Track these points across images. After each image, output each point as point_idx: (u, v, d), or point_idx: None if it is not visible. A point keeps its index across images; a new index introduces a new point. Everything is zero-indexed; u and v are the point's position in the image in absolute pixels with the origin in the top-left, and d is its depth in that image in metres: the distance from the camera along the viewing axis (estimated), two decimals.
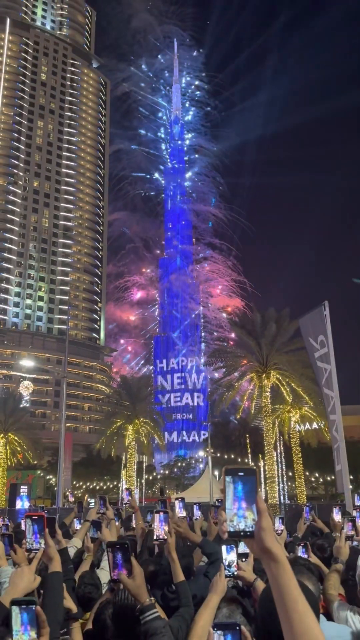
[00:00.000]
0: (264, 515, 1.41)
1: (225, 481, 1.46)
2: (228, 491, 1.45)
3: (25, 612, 1.92)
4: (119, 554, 2.63)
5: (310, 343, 14.45)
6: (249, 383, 34.34)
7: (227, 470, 1.47)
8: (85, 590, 3.81)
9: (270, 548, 1.39)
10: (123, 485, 47.36)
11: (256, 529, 1.41)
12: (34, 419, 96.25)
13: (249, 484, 1.44)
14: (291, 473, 47.15)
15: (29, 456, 49.44)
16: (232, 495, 1.44)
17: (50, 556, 2.74)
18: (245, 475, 1.45)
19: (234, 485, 1.45)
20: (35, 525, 2.68)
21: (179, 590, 3.57)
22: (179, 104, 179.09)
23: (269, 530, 1.40)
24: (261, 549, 1.40)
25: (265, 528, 1.40)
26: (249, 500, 1.43)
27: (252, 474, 1.45)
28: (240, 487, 1.44)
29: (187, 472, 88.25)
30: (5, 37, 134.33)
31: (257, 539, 1.40)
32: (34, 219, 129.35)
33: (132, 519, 6.72)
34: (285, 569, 1.39)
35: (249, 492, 1.44)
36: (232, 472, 1.46)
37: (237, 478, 1.45)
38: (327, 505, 28.39)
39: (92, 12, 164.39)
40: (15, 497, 32.47)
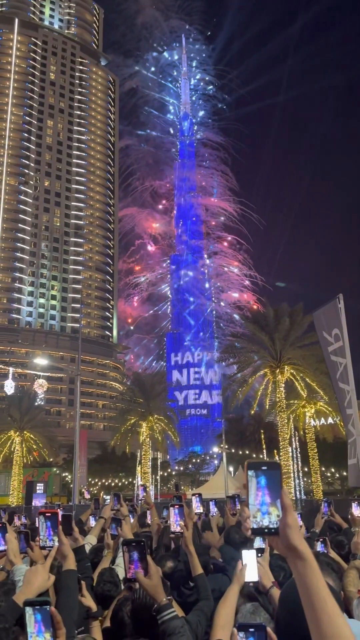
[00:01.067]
0: (289, 511, 1.34)
1: (247, 476, 1.39)
2: (251, 486, 1.37)
3: (39, 612, 1.85)
4: (135, 552, 2.58)
5: (324, 337, 14.27)
6: (263, 378, 34.17)
7: (249, 465, 1.39)
8: (104, 588, 3.78)
9: (296, 546, 1.32)
10: (138, 481, 47.50)
11: (281, 526, 1.34)
12: (49, 417, 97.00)
13: (273, 478, 1.37)
14: (307, 468, 46.93)
15: (45, 454, 49.77)
16: (255, 491, 1.37)
17: (65, 554, 2.69)
18: (269, 470, 1.38)
19: (257, 480, 1.37)
20: (48, 522, 2.63)
21: (198, 583, 3.53)
22: (188, 99, 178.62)
23: (295, 527, 1.33)
24: (287, 546, 1.33)
25: (291, 525, 1.33)
26: (273, 496, 1.36)
27: (276, 468, 1.38)
28: (263, 482, 1.37)
29: (201, 468, 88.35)
30: (14, 38, 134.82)
31: (282, 536, 1.34)
32: (45, 219, 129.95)
33: (147, 515, 6.69)
34: (312, 567, 1.32)
35: (273, 487, 1.36)
36: (255, 467, 1.39)
37: (260, 472, 1.38)
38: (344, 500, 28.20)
39: (100, 10, 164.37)
40: (32, 494, 32.74)
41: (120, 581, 3.76)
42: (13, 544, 3.17)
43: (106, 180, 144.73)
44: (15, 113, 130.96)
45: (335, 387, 14.12)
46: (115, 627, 3.13)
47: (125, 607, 3.03)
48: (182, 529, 3.52)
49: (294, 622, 1.47)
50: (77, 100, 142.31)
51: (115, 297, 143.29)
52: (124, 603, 3.07)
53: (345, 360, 13.45)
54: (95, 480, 77.42)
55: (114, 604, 3.29)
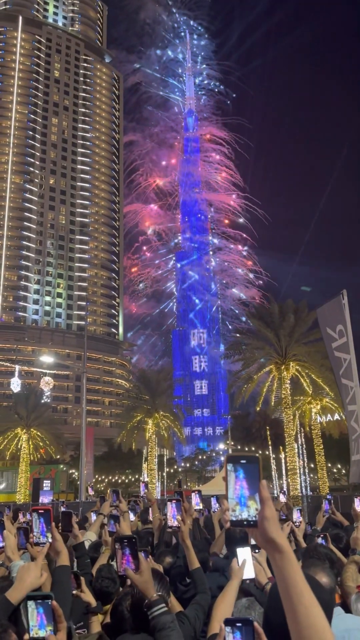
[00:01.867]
0: (267, 504, 1.35)
1: (226, 469, 1.40)
2: (230, 479, 1.39)
3: (42, 606, 1.92)
4: (126, 549, 2.60)
5: (327, 333, 14.23)
6: (269, 375, 34.15)
7: (228, 458, 1.40)
8: (102, 584, 3.81)
9: (274, 538, 1.33)
10: (145, 478, 47.66)
11: (259, 519, 1.35)
12: (56, 414, 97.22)
13: (252, 471, 1.38)
14: (313, 464, 46.89)
15: (52, 451, 50.03)
16: (234, 484, 1.38)
17: (58, 550, 2.72)
18: (248, 463, 1.39)
19: (235, 473, 1.38)
20: (42, 518, 2.66)
21: (195, 577, 3.56)
22: (193, 95, 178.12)
23: (273, 519, 1.34)
24: (265, 539, 1.34)
25: (268, 517, 1.34)
26: (251, 489, 1.37)
27: (254, 461, 1.39)
28: (242, 475, 1.38)
29: (208, 464, 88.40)
30: (18, 35, 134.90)
31: (260, 528, 1.35)
32: (50, 216, 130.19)
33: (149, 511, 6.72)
34: (290, 559, 1.33)
35: (252, 480, 1.37)
36: (233, 460, 1.40)
37: (239, 466, 1.39)
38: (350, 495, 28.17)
39: (104, 6, 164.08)
40: (39, 491, 32.89)
41: (118, 577, 3.79)
42: (10, 541, 3.20)
43: (111, 178, 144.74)
44: (20, 111, 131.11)
45: (339, 383, 14.08)
46: (115, 622, 3.15)
47: (125, 601, 3.05)
48: (179, 523, 3.55)
49: (279, 618, 1.48)
50: (81, 97, 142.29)
51: (120, 295, 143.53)
52: (124, 598, 3.09)
53: (349, 356, 13.42)
54: (102, 477, 77.71)
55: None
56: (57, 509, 25.31)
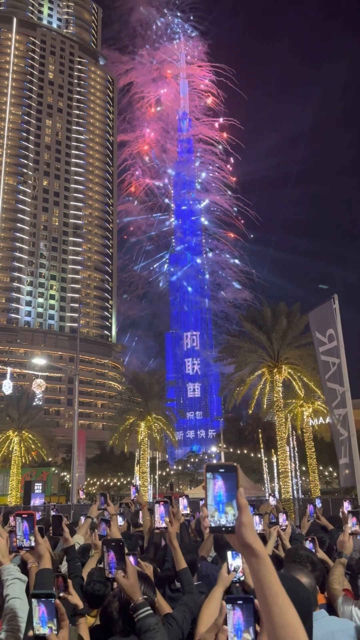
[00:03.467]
0: (244, 511, 1.42)
1: (206, 478, 1.47)
2: (209, 487, 1.46)
3: (44, 604, 2.02)
4: (113, 553, 2.66)
5: (317, 337, 14.34)
6: (261, 378, 34.24)
7: (207, 467, 1.48)
8: (94, 587, 3.84)
9: (250, 543, 1.40)
10: (137, 481, 47.59)
11: (237, 525, 1.41)
12: (48, 416, 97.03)
13: (230, 480, 1.45)
14: (305, 467, 47.03)
15: (43, 453, 49.83)
16: (213, 492, 1.45)
17: (40, 553, 2.75)
18: (226, 472, 1.46)
19: (214, 481, 1.46)
20: (25, 522, 2.71)
21: (182, 577, 3.61)
22: (187, 97, 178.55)
23: (250, 525, 1.41)
24: (242, 544, 1.41)
25: (245, 523, 1.41)
26: (229, 496, 1.44)
27: (232, 470, 1.46)
28: (220, 484, 1.45)
29: (200, 467, 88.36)
30: (12, 37, 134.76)
31: (237, 534, 1.41)
32: (44, 218, 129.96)
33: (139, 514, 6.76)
34: (265, 563, 1.40)
35: (230, 488, 1.44)
36: (212, 469, 1.47)
37: (218, 474, 1.46)
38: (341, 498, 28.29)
39: (98, 9, 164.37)
40: (30, 494, 32.81)
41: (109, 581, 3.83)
42: (1, 544, 3.23)
43: (105, 180, 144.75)
44: (14, 112, 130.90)
45: (325, 387, 14.17)
46: (104, 624, 3.19)
47: (113, 603, 3.09)
48: (166, 524, 3.60)
49: None
50: (75, 99, 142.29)
51: (114, 297, 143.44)
52: (112, 600, 3.13)
53: (339, 360, 13.52)
54: (94, 480, 77.49)
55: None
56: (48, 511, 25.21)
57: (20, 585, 3.01)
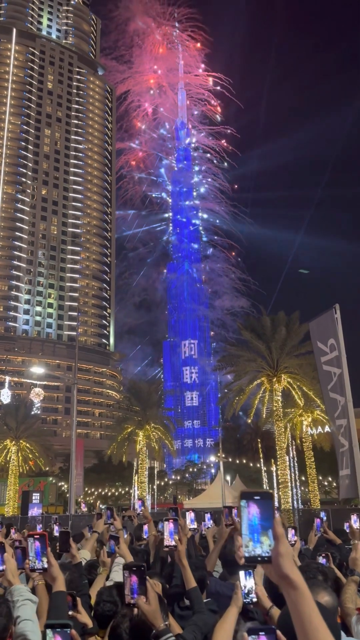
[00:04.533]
0: (281, 540, 1.35)
1: (240, 505, 1.41)
2: (243, 515, 1.40)
3: (60, 635, 1.99)
4: (135, 577, 2.58)
5: (318, 347, 14.27)
6: (260, 387, 34.15)
7: (242, 494, 1.42)
8: (104, 608, 3.73)
9: (288, 574, 1.34)
10: (135, 491, 47.24)
11: (274, 555, 1.35)
12: (45, 425, 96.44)
13: (265, 507, 1.39)
14: (304, 477, 46.80)
15: (41, 463, 49.50)
16: (248, 520, 1.40)
17: (54, 575, 2.68)
18: (261, 499, 1.40)
19: (249, 509, 1.40)
20: (37, 543, 2.63)
21: (191, 597, 3.53)
22: (185, 108, 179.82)
23: (287, 555, 1.35)
24: (279, 575, 1.35)
25: (283, 554, 1.34)
26: (265, 525, 1.38)
27: (268, 497, 1.41)
28: (256, 512, 1.40)
29: (198, 477, 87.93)
30: (11, 47, 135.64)
31: (274, 564, 1.35)
32: (42, 227, 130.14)
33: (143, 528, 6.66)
34: (305, 595, 1.34)
35: (265, 516, 1.39)
36: (247, 496, 1.41)
37: (253, 502, 1.40)
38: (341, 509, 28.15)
39: (97, 20, 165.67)
40: (28, 504, 32.53)
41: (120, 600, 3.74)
42: (11, 564, 3.15)
43: (103, 189, 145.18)
44: (13, 122, 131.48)
45: (326, 397, 14.09)
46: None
47: (123, 624, 3.02)
48: (176, 543, 3.53)
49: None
50: (74, 109, 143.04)
51: (112, 305, 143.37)
52: (122, 620, 3.06)
53: (341, 370, 13.46)
54: (92, 490, 76.94)
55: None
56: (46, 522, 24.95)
57: (31, 606, 2.93)
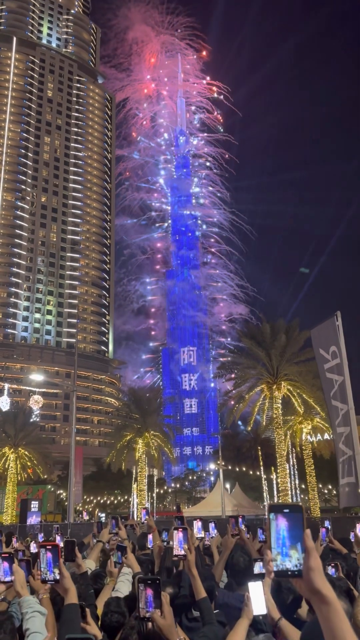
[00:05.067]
0: (312, 554, 1.34)
1: (269, 519, 1.40)
2: (272, 529, 1.39)
3: None
4: (150, 591, 2.54)
5: (320, 354, 14.26)
6: (260, 394, 34.10)
7: (271, 507, 1.41)
8: (112, 618, 3.68)
9: (320, 589, 1.32)
10: (134, 499, 47.00)
11: (304, 569, 1.34)
12: (44, 433, 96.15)
13: (295, 521, 1.38)
14: (304, 485, 46.62)
15: (39, 471, 49.29)
16: (276, 533, 1.38)
17: (66, 587, 2.64)
18: (291, 512, 1.39)
19: (277, 522, 1.38)
20: (49, 554, 2.59)
21: (201, 607, 3.49)
22: (184, 115, 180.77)
23: (318, 570, 1.33)
24: (310, 589, 1.33)
25: (314, 568, 1.33)
26: (294, 539, 1.37)
27: (298, 510, 1.39)
28: (285, 525, 1.38)
29: (198, 485, 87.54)
30: (12, 56, 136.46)
31: (305, 579, 1.33)
32: (42, 234, 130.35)
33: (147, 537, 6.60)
34: (336, 610, 1.31)
35: (295, 529, 1.37)
36: (276, 509, 1.40)
37: (282, 515, 1.39)
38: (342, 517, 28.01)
39: (97, 29, 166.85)
40: (26, 512, 32.35)
41: (127, 611, 3.69)
42: (20, 575, 3.11)
43: (103, 196, 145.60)
44: (13, 129, 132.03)
45: (329, 404, 14.06)
46: None
47: (131, 636, 2.98)
48: (185, 552, 3.48)
49: None
50: (74, 117, 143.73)
51: (111, 312, 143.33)
52: (130, 632, 3.02)
53: (342, 378, 13.43)
54: (91, 498, 76.52)
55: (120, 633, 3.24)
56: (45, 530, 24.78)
57: (40, 619, 2.89)
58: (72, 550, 3.85)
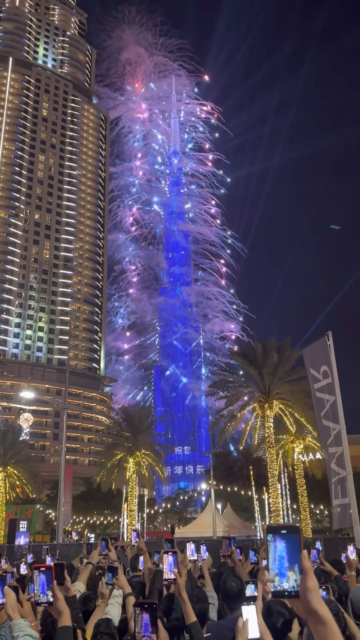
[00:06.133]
0: (309, 575, 1.35)
1: (267, 540, 1.42)
2: (270, 550, 1.40)
3: None
4: (147, 615, 2.50)
5: (311, 374, 14.31)
6: (252, 413, 34.00)
7: (269, 528, 1.43)
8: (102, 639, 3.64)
9: (317, 610, 1.33)
10: (124, 519, 46.37)
11: (302, 590, 1.35)
12: (33, 451, 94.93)
13: (292, 542, 1.39)
14: (296, 505, 46.27)
15: (28, 490, 48.59)
16: (274, 554, 1.39)
17: (60, 610, 2.60)
18: (288, 533, 1.40)
19: (275, 543, 1.40)
20: (42, 576, 2.56)
21: (191, 632, 3.46)
22: (177, 137, 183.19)
23: (315, 590, 1.34)
24: (307, 610, 1.34)
25: (311, 588, 1.34)
26: (291, 559, 1.38)
27: (295, 531, 1.41)
28: (282, 546, 1.39)
29: (189, 505, 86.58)
30: (7, 75, 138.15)
31: (302, 600, 1.34)
32: (34, 251, 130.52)
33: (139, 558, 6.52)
34: (333, 630, 1.33)
35: (292, 550, 1.39)
36: (274, 530, 1.42)
37: (279, 536, 1.40)
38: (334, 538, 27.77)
39: (92, 50, 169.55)
40: (15, 532, 31.80)
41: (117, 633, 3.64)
42: (11, 597, 3.06)
43: (96, 214, 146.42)
44: (7, 147, 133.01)
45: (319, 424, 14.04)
46: None
47: None
48: (175, 576, 3.46)
49: None
50: (68, 136, 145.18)
51: (103, 329, 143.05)
52: None
53: (334, 397, 13.44)
54: (80, 518, 75.38)
55: None
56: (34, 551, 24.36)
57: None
58: (62, 573, 3.80)
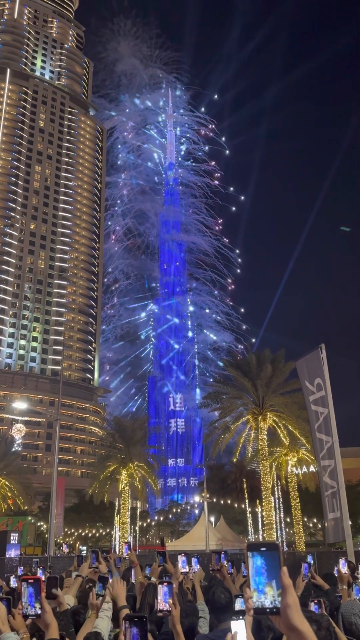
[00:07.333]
0: (289, 591, 1.37)
1: (247, 557, 1.44)
2: (251, 567, 1.43)
3: None
4: (136, 629, 2.49)
5: (306, 386, 14.35)
6: (245, 425, 33.92)
7: (249, 546, 1.45)
8: None
9: (297, 626, 1.35)
10: (116, 532, 45.95)
11: (282, 606, 1.37)
12: (25, 462, 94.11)
13: (272, 559, 1.42)
14: (289, 519, 46.04)
15: (20, 501, 48.16)
16: (254, 571, 1.42)
17: (47, 622, 2.58)
18: (268, 550, 1.43)
19: (254, 560, 1.42)
20: (30, 588, 2.54)
21: None
22: (173, 150, 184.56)
23: (295, 606, 1.36)
24: (288, 626, 1.35)
25: (291, 604, 1.35)
26: (270, 576, 1.41)
27: (274, 548, 1.43)
28: (261, 563, 1.42)
29: (182, 518, 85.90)
30: (5, 86, 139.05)
31: (283, 616, 1.36)
32: (29, 261, 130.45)
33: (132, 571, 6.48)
34: None
35: (271, 567, 1.41)
36: (254, 548, 1.45)
37: (259, 553, 1.43)
38: (327, 552, 27.64)
39: (89, 62, 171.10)
40: (5, 545, 31.43)
41: None
42: (1, 611, 3.04)
43: (92, 225, 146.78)
44: (4, 158, 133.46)
45: (314, 437, 14.08)
46: None
47: None
48: (170, 607, 3.43)
49: None
50: (65, 147, 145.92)
51: (97, 340, 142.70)
52: None
53: (327, 410, 13.48)
54: (72, 530, 74.60)
55: None
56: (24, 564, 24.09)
57: None
58: (54, 587, 3.79)
